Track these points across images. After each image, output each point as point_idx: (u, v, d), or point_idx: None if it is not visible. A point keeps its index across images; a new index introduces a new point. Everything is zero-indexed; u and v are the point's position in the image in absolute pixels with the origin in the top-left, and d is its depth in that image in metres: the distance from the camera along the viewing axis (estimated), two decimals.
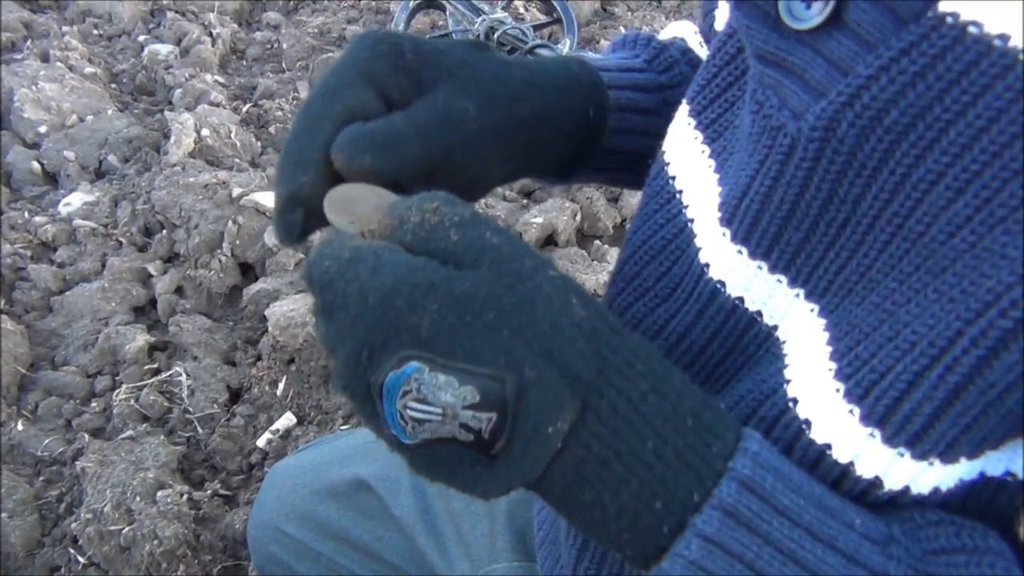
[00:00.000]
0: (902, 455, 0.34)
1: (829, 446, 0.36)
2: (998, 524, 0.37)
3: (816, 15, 0.36)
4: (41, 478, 1.17)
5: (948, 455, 0.34)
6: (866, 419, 0.35)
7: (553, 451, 0.33)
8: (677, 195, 0.48)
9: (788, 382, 0.38)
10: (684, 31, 0.64)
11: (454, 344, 0.31)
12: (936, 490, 0.36)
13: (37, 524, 1.12)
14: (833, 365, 0.36)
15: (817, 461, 0.37)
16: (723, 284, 0.43)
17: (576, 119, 0.52)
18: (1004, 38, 0.30)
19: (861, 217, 0.36)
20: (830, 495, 0.36)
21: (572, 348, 0.33)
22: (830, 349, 0.37)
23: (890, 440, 0.34)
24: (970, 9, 0.30)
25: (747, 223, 0.40)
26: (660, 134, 0.53)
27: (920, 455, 0.34)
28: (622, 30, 2.10)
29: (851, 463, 0.36)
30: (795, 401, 0.38)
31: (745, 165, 0.40)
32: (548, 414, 0.32)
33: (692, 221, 0.45)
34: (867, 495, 0.36)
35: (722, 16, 0.55)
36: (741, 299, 0.42)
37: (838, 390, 0.36)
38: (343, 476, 0.87)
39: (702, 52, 0.61)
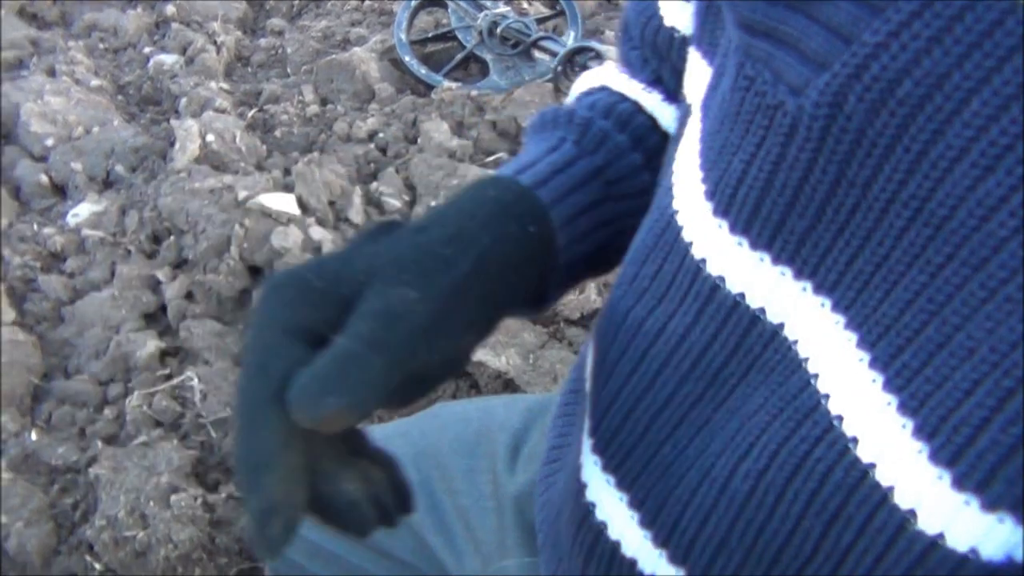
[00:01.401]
0: (968, 503, 0.31)
1: (874, 465, 0.34)
2: None
3: None
4: (56, 486, 1.17)
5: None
6: (919, 432, 0.32)
7: None
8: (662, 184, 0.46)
9: (827, 397, 0.35)
10: (605, 79, 0.59)
11: None
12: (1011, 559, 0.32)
13: (53, 532, 1.12)
14: (877, 375, 0.33)
15: (860, 481, 0.34)
16: (723, 280, 0.40)
17: (520, 249, 0.47)
18: None
19: (873, 201, 0.33)
20: None
21: None
22: (867, 356, 0.34)
23: (948, 466, 0.31)
24: None
25: (746, 212, 0.37)
26: (616, 217, 0.50)
27: (990, 504, 0.31)
28: None
29: (894, 486, 0.33)
30: (840, 418, 0.35)
31: (736, 148, 0.37)
32: None
33: (676, 213, 0.42)
34: (926, 556, 0.33)
35: (673, 8, 0.52)
36: (742, 295, 0.39)
37: (890, 403, 0.33)
38: None
39: (634, 90, 0.57)
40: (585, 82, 0.61)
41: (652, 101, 0.57)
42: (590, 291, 1.35)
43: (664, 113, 0.57)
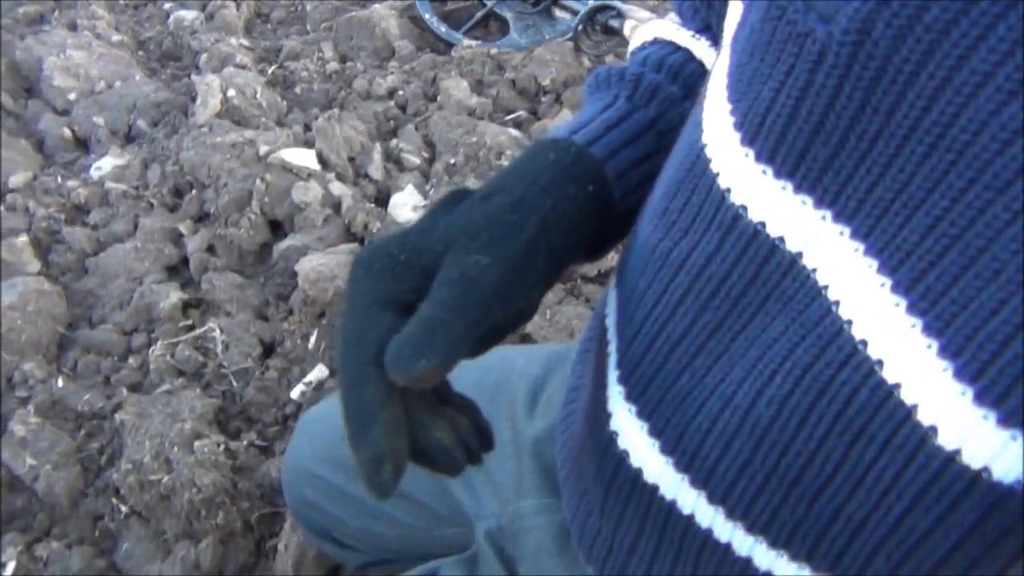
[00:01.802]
0: (986, 418, 0.32)
1: (898, 386, 0.35)
2: None
3: None
4: (82, 432, 1.20)
5: None
6: (944, 351, 0.33)
7: None
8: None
9: (850, 323, 0.37)
10: (657, 31, 0.61)
11: None
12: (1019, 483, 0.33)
13: (80, 475, 1.15)
14: (900, 300, 0.34)
15: (884, 401, 0.36)
16: (745, 209, 0.41)
17: (579, 207, 0.51)
18: None
19: (895, 128, 0.34)
20: None
21: None
22: (888, 281, 0.35)
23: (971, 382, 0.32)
24: None
25: (772, 140, 0.38)
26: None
27: (1006, 419, 0.32)
28: None
29: (917, 404, 0.34)
30: (864, 343, 0.36)
31: (766, 78, 0.38)
32: None
33: (705, 146, 0.43)
34: (943, 470, 0.35)
35: None
36: (763, 224, 0.40)
37: (914, 325, 0.34)
38: None
39: (684, 38, 0.59)
40: (639, 37, 0.63)
41: (701, 48, 0.59)
42: None
43: (712, 59, 0.58)
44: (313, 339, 1.28)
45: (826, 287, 0.38)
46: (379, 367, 0.41)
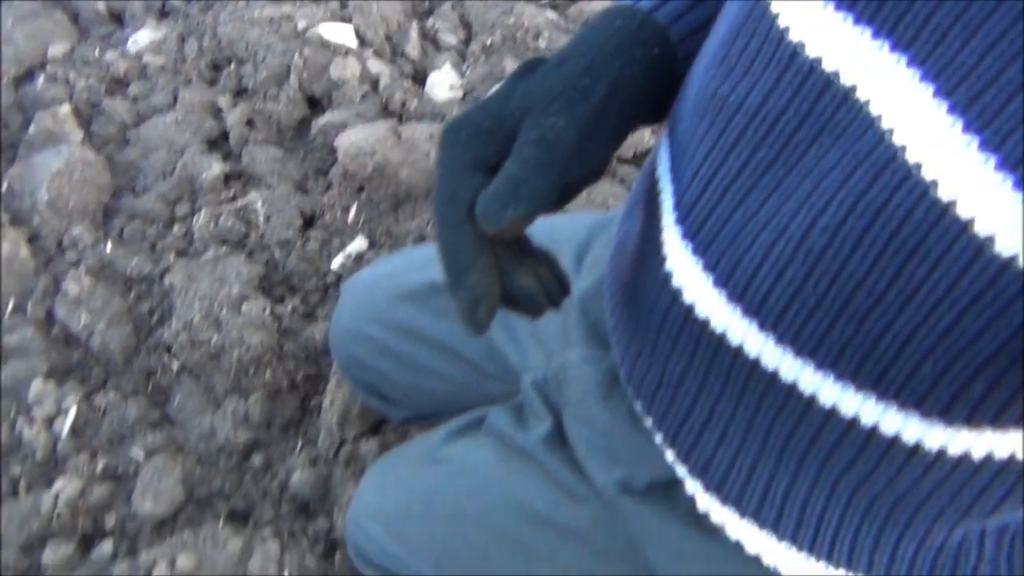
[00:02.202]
0: None
1: (954, 202, 0.38)
2: None
3: None
4: (132, 294, 1.24)
5: None
6: (1003, 165, 0.35)
7: None
8: None
9: (904, 148, 0.39)
10: None
11: None
12: None
13: (132, 334, 1.20)
14: (956, 119, 0.37)
15: (940, 217, 0.38)
16: (803, 46, 0.43)
17: (646, 70, 0.55)
18: None
19: None
20: None
21: None
22: (945, 103, 0.37)
23: None
24: None
25: None
26: None
27: None
28: None
29: (974, 218, 0.37)
30: (918, 165, 0.38)
31: None
32: None
33: None
34: (999, 277, 0.37)
35: None
36: (819, 59, 0.43)
37: (970, 143, 0.36)
38: (419, 280, 0.91)
39: None
40: None
41: None
42: (643, 132, 1.37)
43: None
44: (352, 212, 1.31)
45: (880, 116, 0.41)
46: (471, 222, 0.48)
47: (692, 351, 0.56)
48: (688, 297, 0.53)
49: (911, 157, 0.39)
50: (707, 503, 0.60)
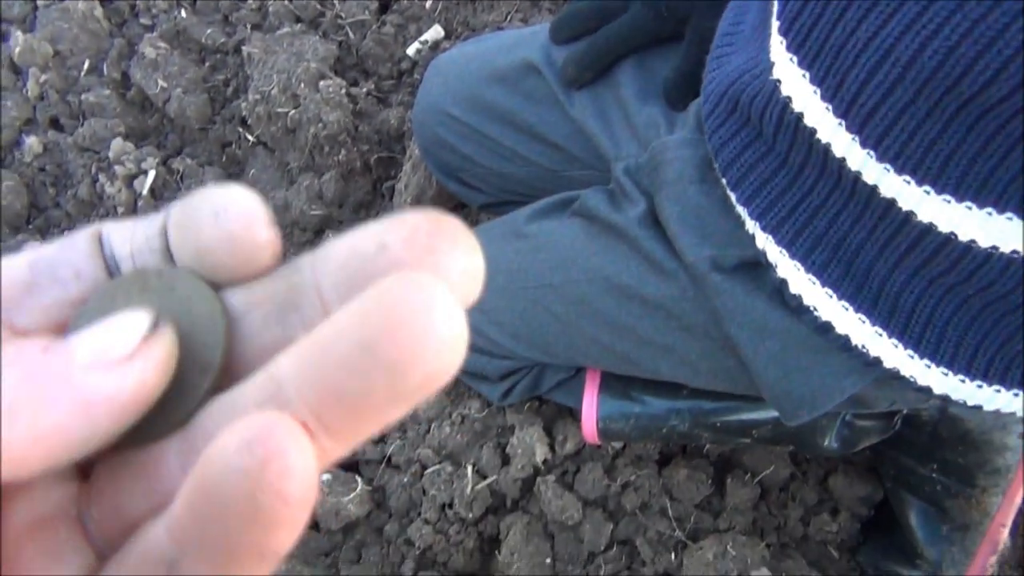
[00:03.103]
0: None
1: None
2: None
3: None
4: (207, 64, 1.24)
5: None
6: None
7: None
8: None
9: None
10: None
11: None
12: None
13: (207, 104, 1.20)
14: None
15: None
16: None
17: None
18: None
19: None
20: None
21: None
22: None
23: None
24: None
25: None
26: None
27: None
28: None
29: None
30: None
31: None
32: None
33: None
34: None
35: None
36: None
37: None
38: (510, 60, 0.89)
39: None
40: None
41: None
42: None
43: None
44: (430, 0, 1.27)
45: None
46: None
47: (804, 158, 0.57)
48: (797, 107, 0.55)
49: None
50: (802, 286, 0.62)
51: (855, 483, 0.93)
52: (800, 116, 0.55)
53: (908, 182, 0.51)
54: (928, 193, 0.51)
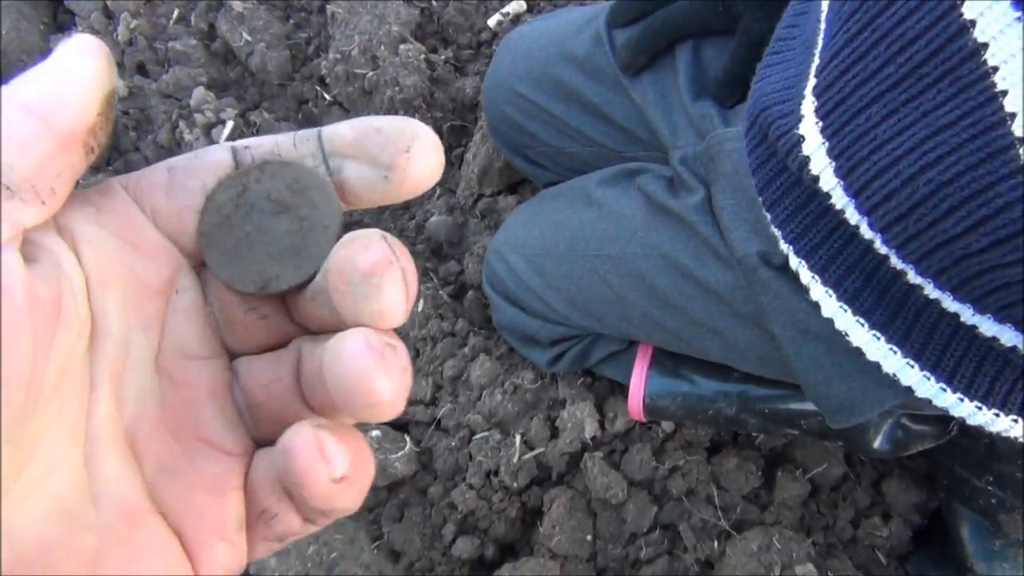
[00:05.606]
0: None
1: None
2: None
3: None
4: (291, 21, 1.25)
5: None
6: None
7: None
8: None
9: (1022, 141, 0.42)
10: None
11: None
12: None
13: (289, 60, 1.22)
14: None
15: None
16: None
17: None
18: None
19: None
20: None
21: None
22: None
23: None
24: None
25: None
26: None
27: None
28: None
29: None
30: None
31: None
32: None
33: None
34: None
35: None
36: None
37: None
38: (579, 40, 0.89)
39: None
40: None
41: None
42: None
43: None
44: None
45: (1004, 93, 0.40)
46: None
47: (813, 210, 0.59)
48: (814, 169, 0.55)
49: None
50: (833, 311, 0.61)
51: (910, 489, 0.91)
52: (816, 178, 0.55)
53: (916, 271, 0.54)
54: (927, 282, 0.54)
